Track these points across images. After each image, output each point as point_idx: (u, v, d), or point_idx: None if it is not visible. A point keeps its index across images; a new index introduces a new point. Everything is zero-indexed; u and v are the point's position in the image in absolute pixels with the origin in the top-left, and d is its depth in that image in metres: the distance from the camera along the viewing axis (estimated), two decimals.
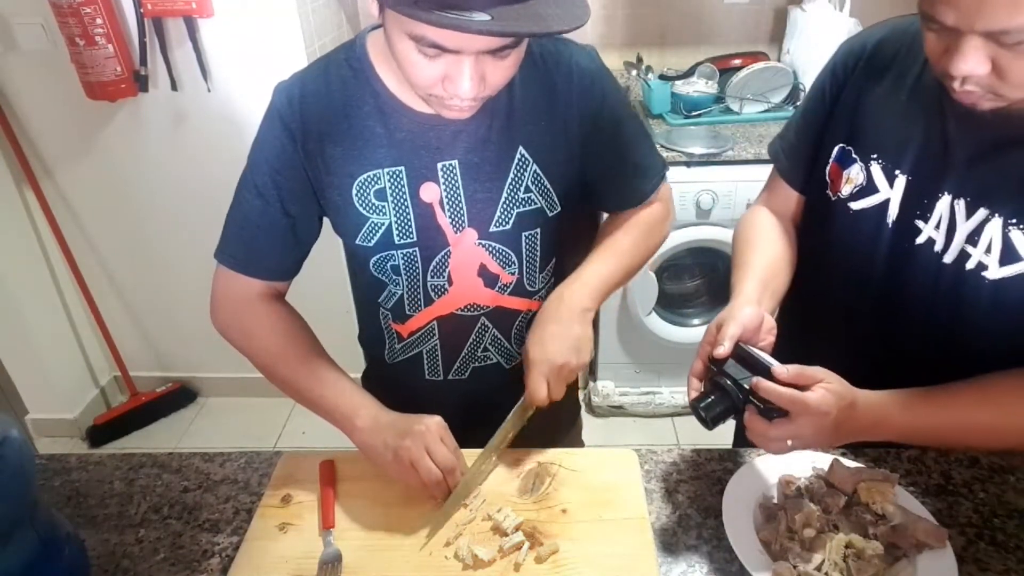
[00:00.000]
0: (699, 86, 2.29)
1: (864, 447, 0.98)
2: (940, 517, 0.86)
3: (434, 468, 0.86)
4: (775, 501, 0.88)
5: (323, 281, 0.94)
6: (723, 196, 2.04)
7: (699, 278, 2.43)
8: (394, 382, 1.10)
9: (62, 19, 1.89)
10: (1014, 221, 0.79)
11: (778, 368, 0.78)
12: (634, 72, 2.39)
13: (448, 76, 0.75)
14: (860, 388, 0.81)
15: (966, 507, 0.89)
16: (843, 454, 0.96)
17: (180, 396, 2.66)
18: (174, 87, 2.05)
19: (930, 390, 0.83)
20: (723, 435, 1.33)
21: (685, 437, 2.46)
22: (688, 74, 2.37)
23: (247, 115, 2.08)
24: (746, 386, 0.79)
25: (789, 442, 0.78)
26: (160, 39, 1.98)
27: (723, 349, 0.81)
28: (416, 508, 0.90)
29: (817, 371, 0.78)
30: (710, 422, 0.81)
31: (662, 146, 2.06)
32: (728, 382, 0.80)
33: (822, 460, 0.92)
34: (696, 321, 2.38)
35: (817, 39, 2.14)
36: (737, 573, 0.81)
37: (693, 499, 0.92)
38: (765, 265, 0.98)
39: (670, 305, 2.39)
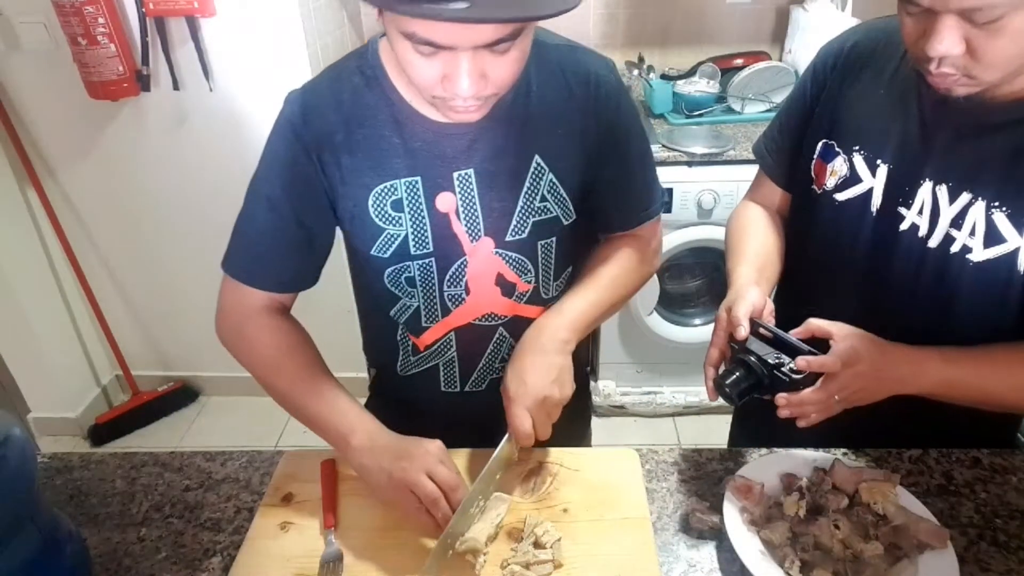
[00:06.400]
0: (701, 86, 2.29)
1: (866, 447, 0.98)
2: (941, 517, 0.86)
3: (433, 487, 0.82)
4: (777, 500, 0.88)
5: (324, 280, 0.94)
6: (724, 196, 2.04)
7: (700, 278, 2.43)
8: (407, 395, 1.07)
9: (64, 18, 1.89)
10: (997, 204, 0.82)
11: (797, 330, 0.84)
12: (636, 72, 2.39)
13: (447, 75, 0.73)
14: None
15: (967, 507, 0.89)
16: (844, 454, 0.96)
17: (182, 395, 2.66)
18: (176, 86, 2.05)
19: (964, 348, 0.86)
20: (724, 435, 1.33)
21: (686, 437, 2.45)
22: (690, 74, 2.37)
23: (249, 114, 2.08)
24: (770, 361, 0.83)
25: (836, 397, 0.81)
26: (162, 38, 1.99)
27: (743, 330, 0.85)
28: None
29: (831, 323, 0.85)
30: (736, 398, 0.84)
31: (664, 146, 2.06)
32: (752, 358, 0.83)
33: (823, 460, 0.92)
34: (698, 321, 2.37)
35: (819, 39, 2.13)
36: (738, 573, 0.81)
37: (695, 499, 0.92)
38: (759, 253, 1.02)
39: (671, 305, 2.38)
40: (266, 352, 0.96)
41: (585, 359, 1.18)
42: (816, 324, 0.85)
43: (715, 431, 0.83)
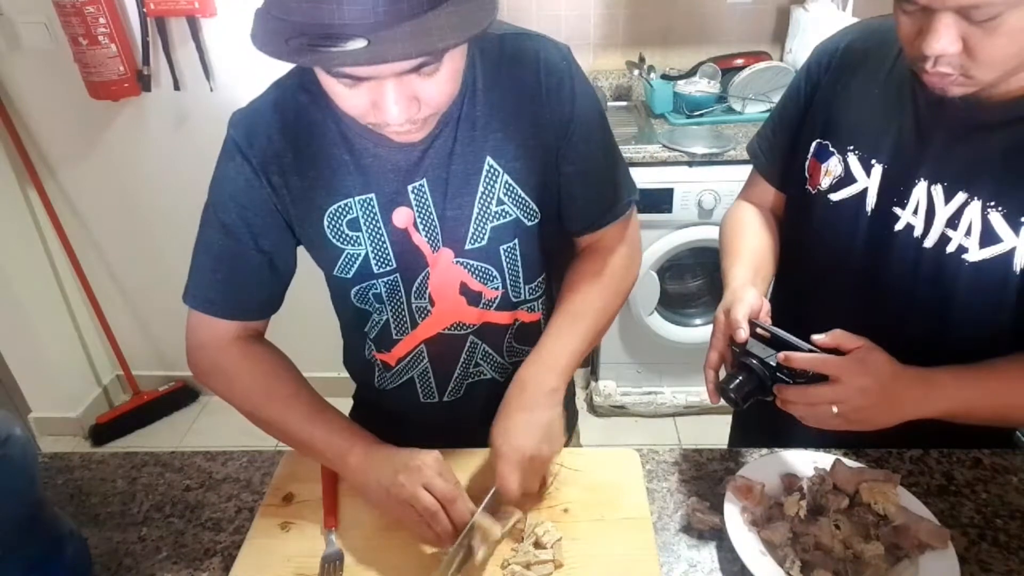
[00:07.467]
0: (701, 86, 2.29)
1: (866, 447, 0.98)
2: (942, 518, 0.86)
3: (432, 500, 0.80)
4: (777, 500, 0.88)
5: (310, 280, 0.93)
6: (725, 196, 2.04)
7: (701, 278, 2.43)
8: (388, 407, 1.06)
9: (65, 19, 1.89)
10: (992, 203, 0.82)
11: (817, 337, 0.81)
12: (636, 72, 2.39)
13: (375, 103, 0.70)
14: None
15: (968, 508, 0.89)
16: (845, 454, 0.96)
17: (182, 395, 2.66)
18: (177, 87, 2.06)
19: (974, 365, 0.84)
20: (724, 435, 1.33)
21: (687, 437, 2.46)
22: (690, 74, 2.37)
23: None
24: (772, 362, 0.81)
25: (834, 408, 0.78)
26: (163, 38, 1.99)
27: (743, 332, 0.84)
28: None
29: (858, 337, 0.80)
30: (740, 402, 0.83)
31: (664, 146, 2.06)
32: (753, 361, 0.82)
33: (824, 460, 0.92)
34: (698, 321, 2.38)
35: (819, 39, 2.13)
36: (739, 573, 0.82)
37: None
38: (754, 253, 1.02)
39: (672, 305, 2.38)
40: (247, 383, 0.93)
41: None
42: (842, 336, 0.80)
43: (715, 431, 0.83)
